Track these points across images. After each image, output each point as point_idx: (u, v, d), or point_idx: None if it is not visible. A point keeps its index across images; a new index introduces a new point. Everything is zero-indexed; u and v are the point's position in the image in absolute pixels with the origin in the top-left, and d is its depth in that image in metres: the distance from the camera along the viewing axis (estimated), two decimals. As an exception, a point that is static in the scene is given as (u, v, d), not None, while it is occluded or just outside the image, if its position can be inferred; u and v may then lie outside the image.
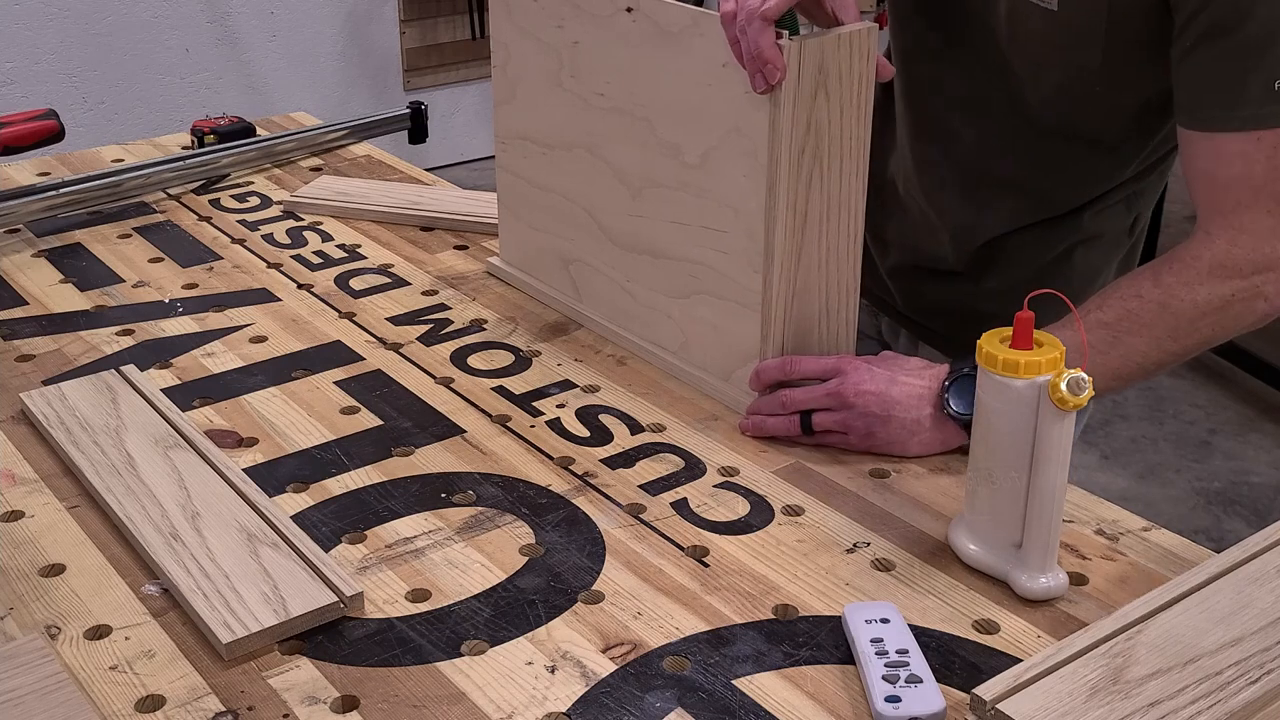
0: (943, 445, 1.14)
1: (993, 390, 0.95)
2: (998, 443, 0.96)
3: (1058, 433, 0.93)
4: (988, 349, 0.95)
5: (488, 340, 1.36)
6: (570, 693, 0.88)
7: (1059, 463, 0.94)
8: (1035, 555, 0.96)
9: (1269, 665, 0.80)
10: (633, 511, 1.08)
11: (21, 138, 1.71)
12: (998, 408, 0.95)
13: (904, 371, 1.14)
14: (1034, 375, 0.93)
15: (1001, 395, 0.95)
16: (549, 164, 1.37)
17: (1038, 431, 0.93)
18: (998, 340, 0.96)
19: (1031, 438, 0.94)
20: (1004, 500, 0.97)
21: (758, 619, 0.96)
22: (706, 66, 1.14)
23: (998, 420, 0.96)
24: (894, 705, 0.84)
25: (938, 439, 1.13)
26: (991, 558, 0.99)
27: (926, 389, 1.13)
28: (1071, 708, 0.76)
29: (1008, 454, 0.96)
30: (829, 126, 1.11)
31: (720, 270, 1.20)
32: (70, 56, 3.90)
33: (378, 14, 4.41)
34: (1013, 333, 0.95)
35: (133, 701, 0.87)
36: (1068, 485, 1.00)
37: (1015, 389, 0.94)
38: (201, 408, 1.23)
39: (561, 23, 1.29)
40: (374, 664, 0.91)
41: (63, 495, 1.09)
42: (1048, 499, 0.95)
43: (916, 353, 1.44)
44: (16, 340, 1.35)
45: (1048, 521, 0.95)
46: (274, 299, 1.45)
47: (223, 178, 1.78)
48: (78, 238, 1.59)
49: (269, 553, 1.00)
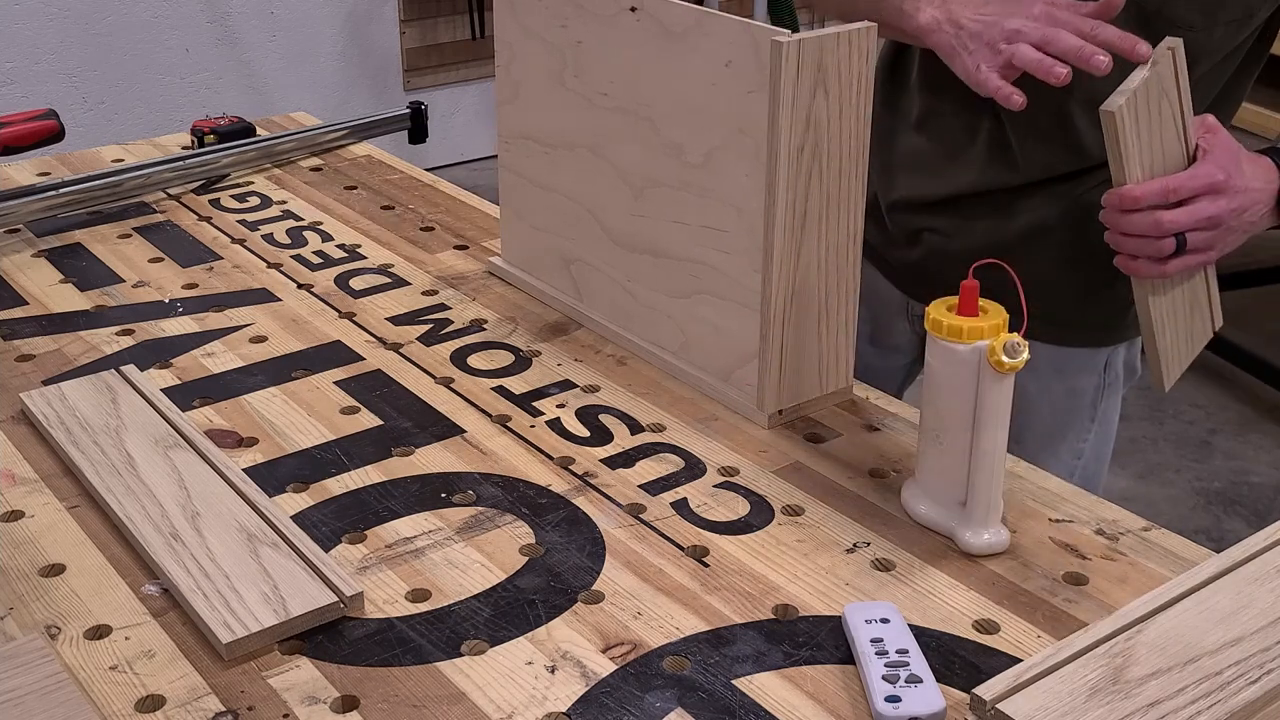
0: None
1: (939, 354, 1.01)
2: (944, 405, 1.02)
3: (996, 394, 0.98)
4: (934, 315, 1.01)
5: (488, 340, 1.36)
6: (570, 693, 0.88)
7: (999, 424, 0.99)
8: (978, 512, 1.01)
9: (1269, 665, 0.80)
10: (633, 511, 1.08)
11: (21, 138, 1.71)
12: (943, 371, 1.01)
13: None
14: (976, 340, 0.98)
15: (946, 359, 1.00)
16: (551, 164, 1.37)
17: (979, 394, 0.98)
18: (944, 308, 1.01)
19: (974, 400, 0.99)
20: (950, 460, 1.02)
21: (758, 619, 0.96)
22: (710, 66, 1.15)
23: (943, 383, 1.01)
24: (894, 705, 0.84)
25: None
26: (939, 516, 1.04)
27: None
28: (1071, 708, 0.76)
29: (953, 416, 1.01)
30: (828, 125, 1.11)
31: (722, 270, 1.20)
32: (70, 56, 3.90)
33: (378, 14, 4.41)
34: (959, 300, 1.00)
35: (133, 701, 0.87)
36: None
37: (959, 353, 0.99)
38: (201, 408, 1.23)
39: (565, 22, 1.29)
40: (374, 664, 0.91)
41: (63, 495, 1.09)
42: (988, 458, 1.00)
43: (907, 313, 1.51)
44: (16, 340, 1.35)
45: (988, 479, 1.00)
46: (274, 299, 1.45)
47: (223, 178, 1.78)
48: (78, 238, 1.59)
49: (269, 553, 1.00)
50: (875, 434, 1.19)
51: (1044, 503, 1.09)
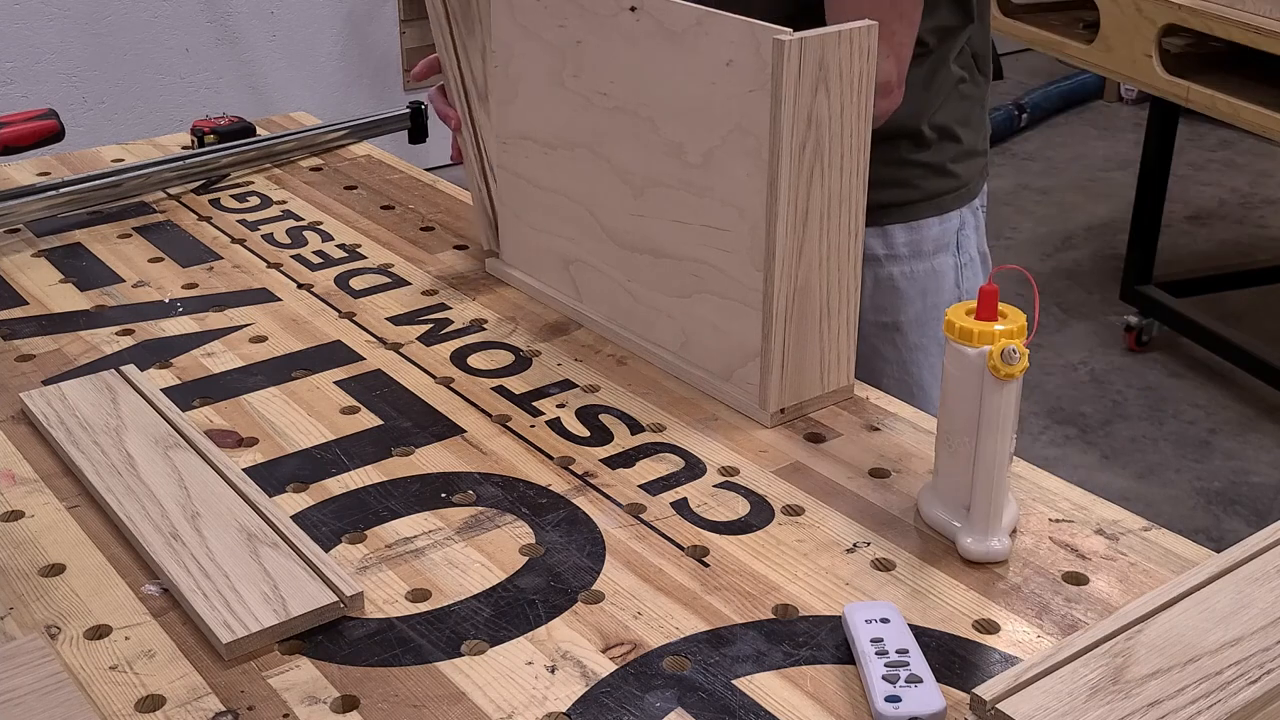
0: None
1: (952, 357, 1.01)
2: (955, 408, 1.02)
3: (998, 401, 0.97)
4: (950, 317, 1.00)
5: (488, 340, 1.36)
6: (570, 692, 0.88)
7: (1000, 430, 0.98)
8: (978, 518, 1.01)
9: (1269, 665, 0.80)
10: (633, 511, 1.08)
11: (21, 138, 1.71)
12: (956, 374, 1.01)
13: None
14: (985, 344, 0.98)
15: (958, 362, 1.00)
16: (550, 164, 1.37)
17: (982, 399, 0.98)
18: (963, 311, 1.01)
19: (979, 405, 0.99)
20: (958, 464, 1.02)
21: (758, 619, 0.96)
22: (710, 65, 1.15)
23: (956, 386, 1.01)
24: (894, 705, 0.84)
25: None
26: (945, 519, 1.04)
27: None
28: (1071, 708, 0.76)
29: (962, 419, 1.01)
30: (829, 123, 1.11)
31: (722, 269, 1.20)
32: (70, 56, 3.90)
33: (378, 14, 4.41)
34: (977, 304, 1.00)
35: (133, 701, 0.87)
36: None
37: (968, 356, 0.99)
38: (201, 408, 1.23)
39: (564, 22, 1.29)
40: (374, 664, 0.91)
41: (63, 495, 1.09)
42: (989, 464, 0.99)
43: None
44: (16, 340, 1.35)
45: (989, 486, 1.00)
46: (274, 299, 1.45)
47: (223, 178, 1.78)
48: (78, 238, 1.59)
49: (269, 553, 1.00)
50: (875, 434, 1.19)
51: (1044, 503, 1.09)
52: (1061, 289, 3.81)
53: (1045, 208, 4.38)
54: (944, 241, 1.55)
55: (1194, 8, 2.75)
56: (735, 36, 1.12)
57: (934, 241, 1.54)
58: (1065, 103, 5.21)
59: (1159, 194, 3.42)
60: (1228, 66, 2.85)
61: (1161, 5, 2.82)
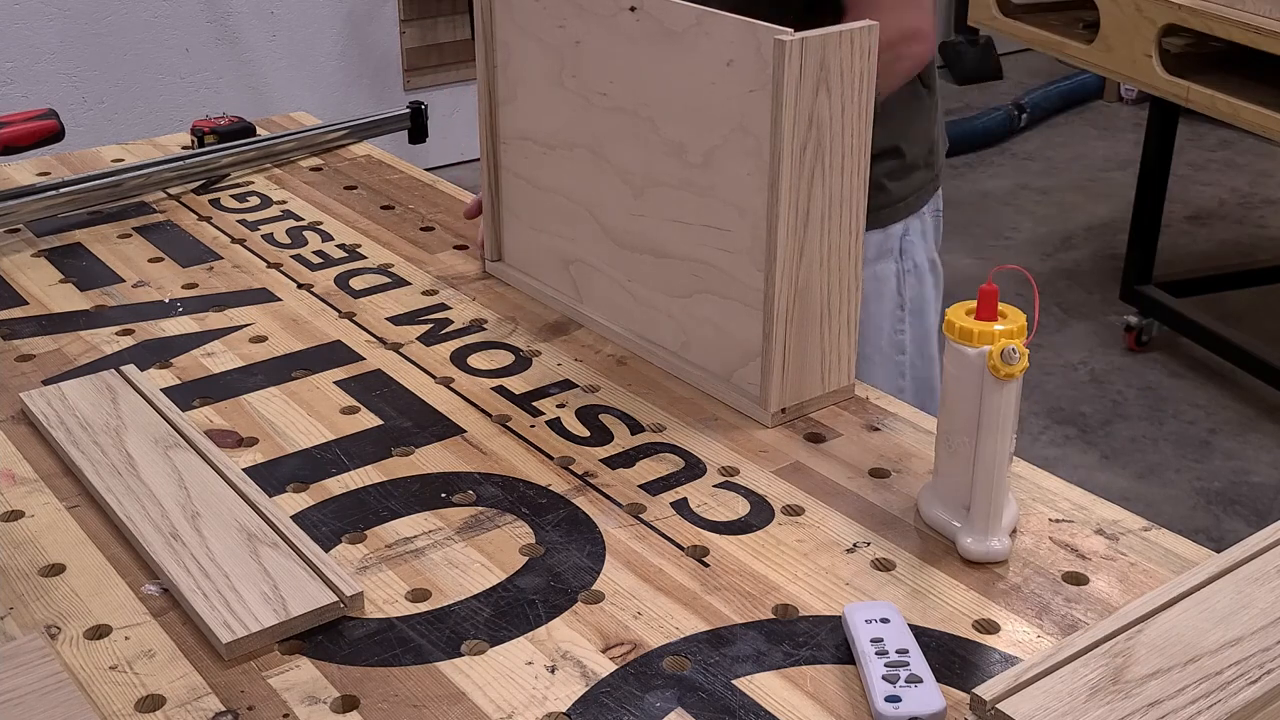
0: None
1: (952, 357, 1.01)
2: (955, 408, 1.02)
3: (997, 401, 0.97)
4: (950, 317, 1.00)
5: (488, 340, 1.36)
6: (570, 692, 0.88)
7: (1000, 430, 0.98)
8: (978, 518, 1.01)
9: (1269, 665, 0.80)
10: (633, 511, 1.08)
11: (21, 138, 1.71)
12: (956, 374, 1.01)
13: None
14: (984, 344, 0.98)
15: (958, 362, 1.00)
16: (550, 164, 1.37)
17: (982, 399, 0.98)
18: (964, 311, 1.01)
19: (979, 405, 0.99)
20: (958, 464, 1.02)
21: (758, 619, 0.96)
22: (710, 65, 1.15)
23: (956, 386, 1.01)
24: (894, 705, 0.84)
25: None
26: (945, 519, 1.04)
27: None
28: (1071, 708, 0.76)
29: (962, 419, 1.01)
30: (830, 123, 1.11)
31: (723, 269, 1.20)
32: (70, 56, 3.90)
33: (378, 14, 4.41)
34: (977, 304, 1.00)
35: (133, 701, 0.87)
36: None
37: (968, 356, 0.99)
38: (201, 408, 1.23)
39: (563, 22, 1.29)
40: (374, 664, 0.91)
41: (63, 495, 1.09)
42: (988, 465, 0.99)
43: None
44: (16, 340, 1.35)
45: (989, 486, 0.99)
46: (274, 299, 1.45)
47: (223, 178, 1.78)
48: (78, 238, 1.59)
49: (269, 553, 1.00)
50: (875, 434, 1.19)
51: (1044, 503, 1.09)
52: (1061, 289, 3.81)
53: (1045, 208, 4.38)
54: (886, 247, 1.56)
55: (1194, 8, 2.74)
56: (735, 36, 1.12)
57: (876, 247, 1.54)
58: (1065, 103, 5.20)
59: (1159, 194, 3.42)
60: (1228, 66, 2.85)
61: (1161, 5, 2.82)
